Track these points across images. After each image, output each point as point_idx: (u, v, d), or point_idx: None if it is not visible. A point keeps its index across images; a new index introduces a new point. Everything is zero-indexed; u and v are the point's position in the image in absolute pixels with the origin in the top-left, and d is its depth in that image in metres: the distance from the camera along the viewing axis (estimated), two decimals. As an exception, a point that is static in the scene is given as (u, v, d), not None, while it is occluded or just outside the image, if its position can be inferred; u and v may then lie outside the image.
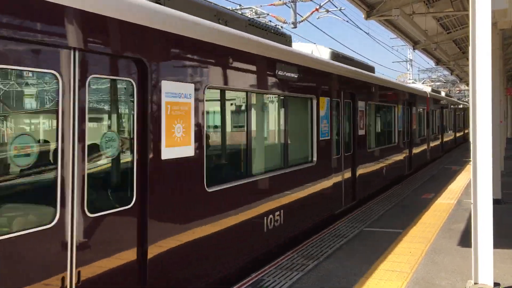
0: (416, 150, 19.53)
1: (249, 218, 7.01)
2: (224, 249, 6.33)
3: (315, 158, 9.59)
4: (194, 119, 5.76)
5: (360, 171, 12.26)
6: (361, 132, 12.34)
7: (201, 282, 5.80)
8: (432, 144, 23.65)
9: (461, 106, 41.10)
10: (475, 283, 5.90)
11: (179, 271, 5.43)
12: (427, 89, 26.39)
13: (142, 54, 5.01)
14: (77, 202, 4.28)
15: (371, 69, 14.82)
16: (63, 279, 4.10)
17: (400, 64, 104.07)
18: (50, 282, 3.98)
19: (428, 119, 22.44)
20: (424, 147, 21.66)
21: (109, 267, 4.52)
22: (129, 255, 4.74)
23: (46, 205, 4.14)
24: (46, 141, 4.41)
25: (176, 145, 5.42)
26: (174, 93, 5.44)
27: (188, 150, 5.60)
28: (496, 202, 8.32)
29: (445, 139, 28.89)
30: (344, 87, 11.28)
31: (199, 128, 5.86)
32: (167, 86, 5.33)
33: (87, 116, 4.40)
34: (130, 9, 4.96)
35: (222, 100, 6.90)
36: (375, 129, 14.35)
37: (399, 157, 16.73)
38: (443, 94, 32.47)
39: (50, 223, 4.06)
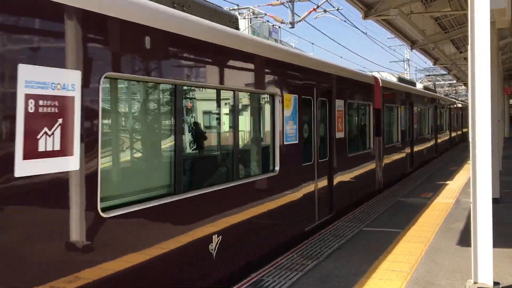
0: (346, 176, 11.44)
1: None
2: None
3: None
4: None
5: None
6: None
7: None
8: (388, 159, 15.44)
9: (450, 103, 33.54)
10: (475, 283, 5.90)
11: None
12: (390, 77, 19.24)
13: None
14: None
15: (221, 16, 7.58)
16: None
17: (397, 64, 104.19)
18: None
19: (378, 121, 14.24)
20: (370, 166, 13.56)
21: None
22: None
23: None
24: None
25: None
26: None
27: None
28: (494, 201, 8.32)
29: (417, 148, 20.32)
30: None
31: None
32: None
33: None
34: None
35: None
36: (193, 146, 6.83)
37: (291, 196, 8.63)
38: (419, 86, 25.10)
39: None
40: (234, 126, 7.21)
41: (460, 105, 39.67)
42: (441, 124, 28.18)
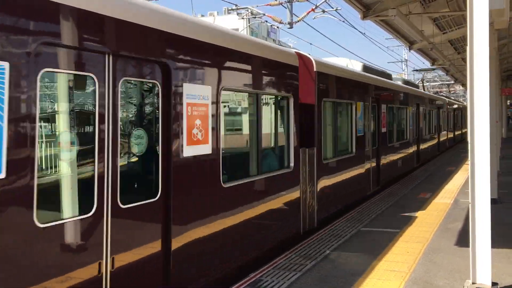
0: (217, 224, 6.49)
1: None
2: None
3: None
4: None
5: None
6: None
7: None
8: (330, 181, 10.64)
9: (440, 102, 28.46)
10: (473, 283, 5.91)
11: None
12: (351, 64, 14.58)
13: None
14: None
15: None
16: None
17: (395, 64, 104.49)
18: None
19: (309, 125, 9.71)
20: (287, 196, 8.59)
21: None
22: None
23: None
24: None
25: None
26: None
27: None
28: (492, 201, 8.34)
29: (387, 160, 15.70)
30: None
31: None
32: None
33: None
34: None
35: None
36: None
37: None
38: (397, 80, 20.45)
39: None
40: None
41: (454, 105, 37.66)
42: (427, 126, 23.54)
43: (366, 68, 14.89)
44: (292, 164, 8.73)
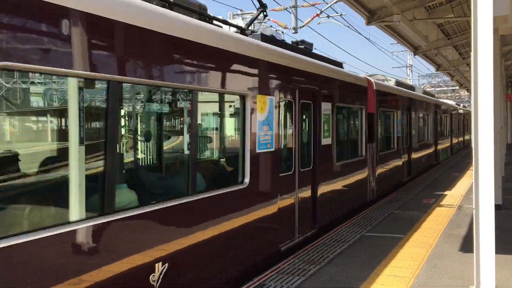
0: None
1: None
2: None
3: None
4: None
5: None
6: None
7: None
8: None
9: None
10: (477, 289, 5.90)
11: None
12: None
13: None
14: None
15: None
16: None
17: (400, 69, 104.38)
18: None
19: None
20: None
21: None
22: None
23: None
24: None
25: None
26: None
27: None
28: (497, 207, 8.32)
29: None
30: None
31: None
32: None
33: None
34: None
35: None
36: None
37: None
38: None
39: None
40: None
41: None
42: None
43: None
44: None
